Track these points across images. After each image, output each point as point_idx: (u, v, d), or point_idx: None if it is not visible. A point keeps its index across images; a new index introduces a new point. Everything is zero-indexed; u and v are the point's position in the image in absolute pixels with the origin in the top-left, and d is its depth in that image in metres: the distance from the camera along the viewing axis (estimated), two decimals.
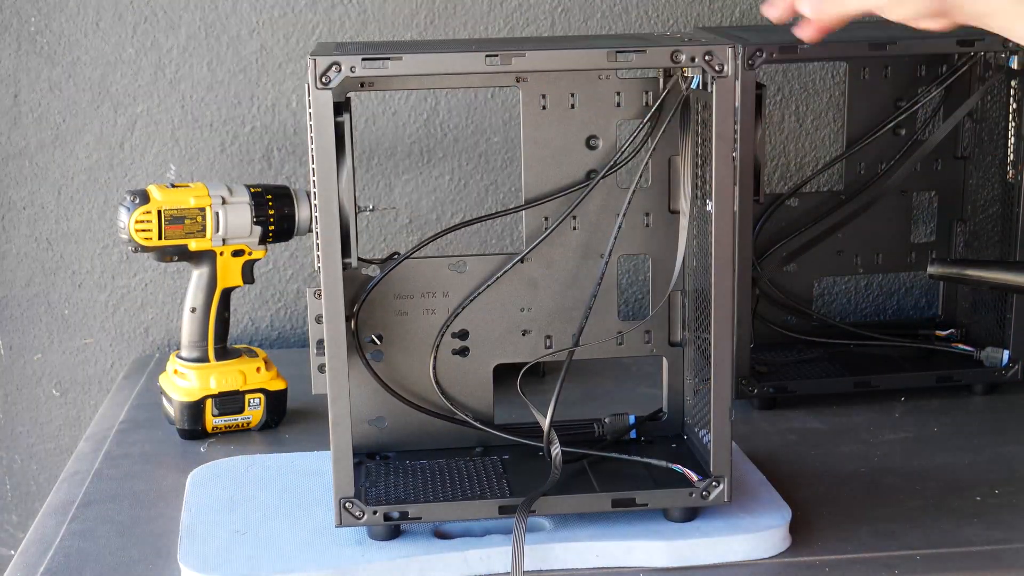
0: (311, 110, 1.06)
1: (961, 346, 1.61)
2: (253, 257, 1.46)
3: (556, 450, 1.18)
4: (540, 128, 1.20)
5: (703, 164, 1.15)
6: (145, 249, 1.42)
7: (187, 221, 1.41)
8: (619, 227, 1.19)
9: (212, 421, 1.45)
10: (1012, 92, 1.50)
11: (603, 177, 1.20)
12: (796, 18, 1.16)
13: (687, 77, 1.14)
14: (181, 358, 1.48)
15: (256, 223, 1.44)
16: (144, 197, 1.41)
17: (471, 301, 1.22)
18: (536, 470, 1.19)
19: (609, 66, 1.09)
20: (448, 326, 1.22)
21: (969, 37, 1.43)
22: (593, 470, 1.21)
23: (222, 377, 1.46)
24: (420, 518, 1.14)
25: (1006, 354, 1.54)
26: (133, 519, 1.26)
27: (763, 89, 1.42)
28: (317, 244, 1.10)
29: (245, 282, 1.46)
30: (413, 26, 1.76)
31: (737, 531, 1.16)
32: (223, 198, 1.43)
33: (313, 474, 1.29)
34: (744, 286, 1.46)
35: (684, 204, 1.18)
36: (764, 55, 1.38)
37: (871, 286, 1.88)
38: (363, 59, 1.05)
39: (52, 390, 1.84)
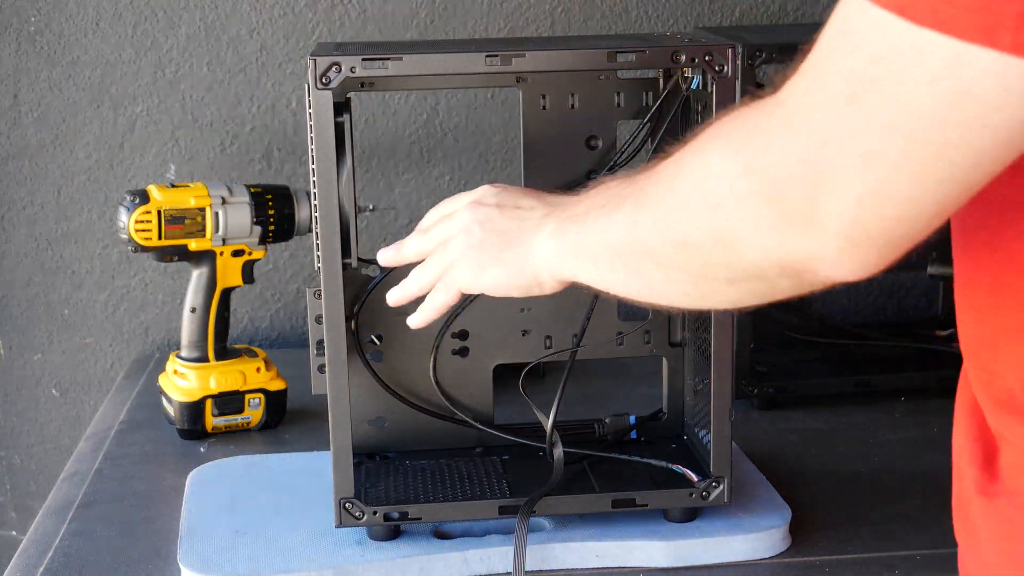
0: (311, 110, 1.06)
1: None
2: (253, 257, 1.46)
3: (559, 452, 1.18)
4: (540, 128, 1.20)
5: None
6: (145, 249, 1.42)
7: (187, 221, 1.41)
8: None
9: (212, 421, 1.45)
10: None
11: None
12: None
13: (687, 77, 1.14)
14: (181, 358, 1.48)
15: (256, 223, 1.43)
16: (144, 197, 1.41)
17: (471, 301, 1.21)
18: (536, 470, 1.19)
19: (609, 66, 1.09)
20: (448, 326, 1.22)
21: None
22: (593, 470, 1.21)
23: (222, 377, 1.46)
24: (420, 518, 1.14)
25: None
26: (133, 519, 1.26)
27: (763, 89, 1.42)
28: (317, 244, 1.09)
29: (245, 282, 1.46)
30: (413, 26, 1.76)
31: (737, 531, 1.16)
32: (223, 198, 1.42)
33: (313, 474, 1.29)
34: None
35: None
36: (764, 55, 1.38)
37: (871, 286, 1.88)
38: (363, 59, 1.05)
39: (52, 390, 1.84)
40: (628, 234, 0.82)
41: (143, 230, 1.40)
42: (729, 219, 0.70)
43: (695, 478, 1.16)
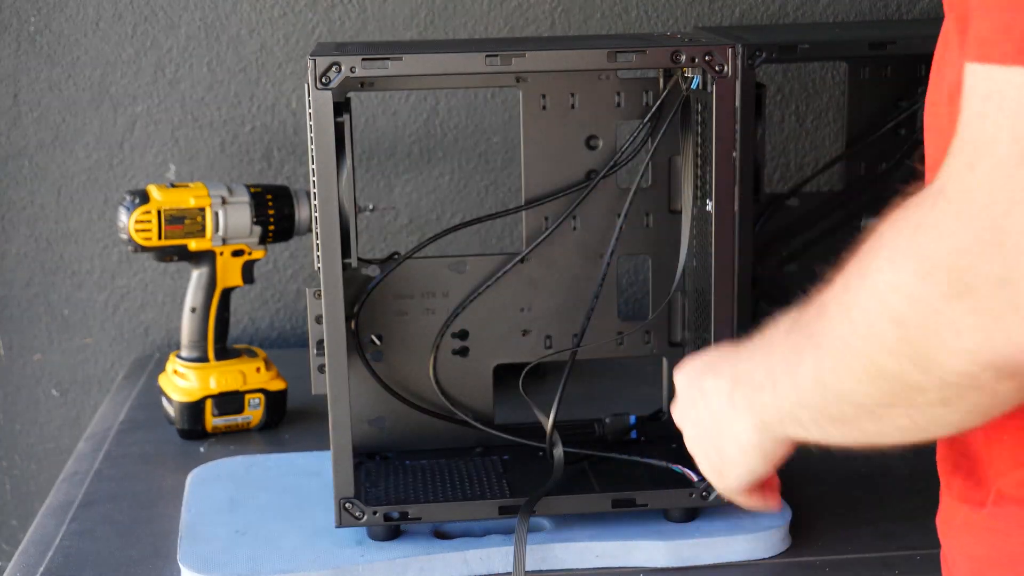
0: (311, 110, 1.06)
1: None
2: (253, 257, 1.46)
3: (559, 452, 1.18)
4: (540, 128, 1.20)
5: (703, 164, 1.15)
6: (145, 249, 1.42)
7: (187, 221, 1.41)
8: (620, 227, 1.19)
9: (212, 421, 1.45)
10: None
11: (603, 177, 1.20)
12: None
13: (687, 77, 1.14)
14: (181, 358, 1.48)
15: (256, 223, 1.44)
16: (144, 197, 1.41)
17: (471, 301, 1.22)
18: (536, 470, 1.19)
19: (609, 66, 1.09)
20: (448, 326, 1.22)
21: None
22: (593, 470, 1.21)
23: (222, 377, 1.46)
24: (420, 518, 1.14)
25: None
26: (133, 519, 1.26)
27: (763, 89, 1.42)
28: (317, 244, 1.10)
29: (245, 282, 1.46)
30: (413, 26, 1.76)
31: (737, 531, 1.16)
32: (223, 198, 1.43)
33: (313, 474, 1.29)
34: (744, 286, 1.46)
35: (685, 204, 1.18)
36: (764, 55, 1.38)
37: None
38: (363, 59, 1.05)
39: (52, 390, 1.84)
40: (819, 386, 0.74)
41: (143, 230, 1.40)
42: (918, 332, 0.64)
43: (695, 478, 1.16)
